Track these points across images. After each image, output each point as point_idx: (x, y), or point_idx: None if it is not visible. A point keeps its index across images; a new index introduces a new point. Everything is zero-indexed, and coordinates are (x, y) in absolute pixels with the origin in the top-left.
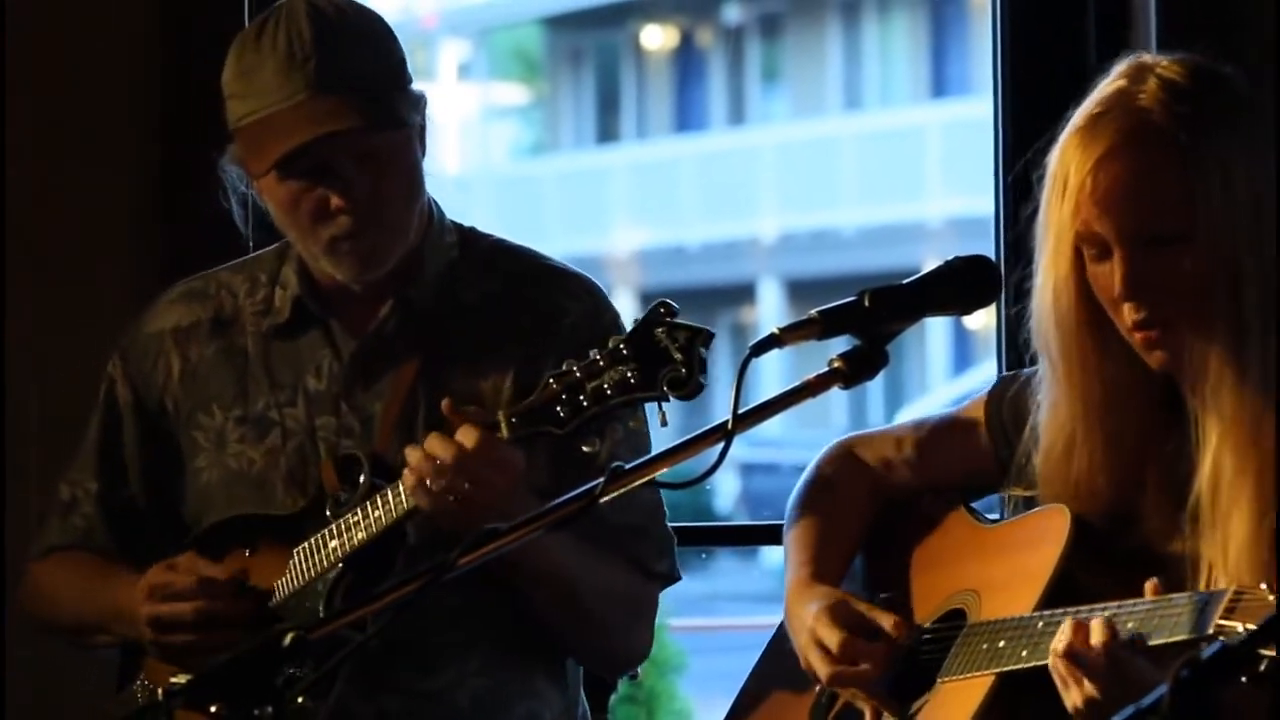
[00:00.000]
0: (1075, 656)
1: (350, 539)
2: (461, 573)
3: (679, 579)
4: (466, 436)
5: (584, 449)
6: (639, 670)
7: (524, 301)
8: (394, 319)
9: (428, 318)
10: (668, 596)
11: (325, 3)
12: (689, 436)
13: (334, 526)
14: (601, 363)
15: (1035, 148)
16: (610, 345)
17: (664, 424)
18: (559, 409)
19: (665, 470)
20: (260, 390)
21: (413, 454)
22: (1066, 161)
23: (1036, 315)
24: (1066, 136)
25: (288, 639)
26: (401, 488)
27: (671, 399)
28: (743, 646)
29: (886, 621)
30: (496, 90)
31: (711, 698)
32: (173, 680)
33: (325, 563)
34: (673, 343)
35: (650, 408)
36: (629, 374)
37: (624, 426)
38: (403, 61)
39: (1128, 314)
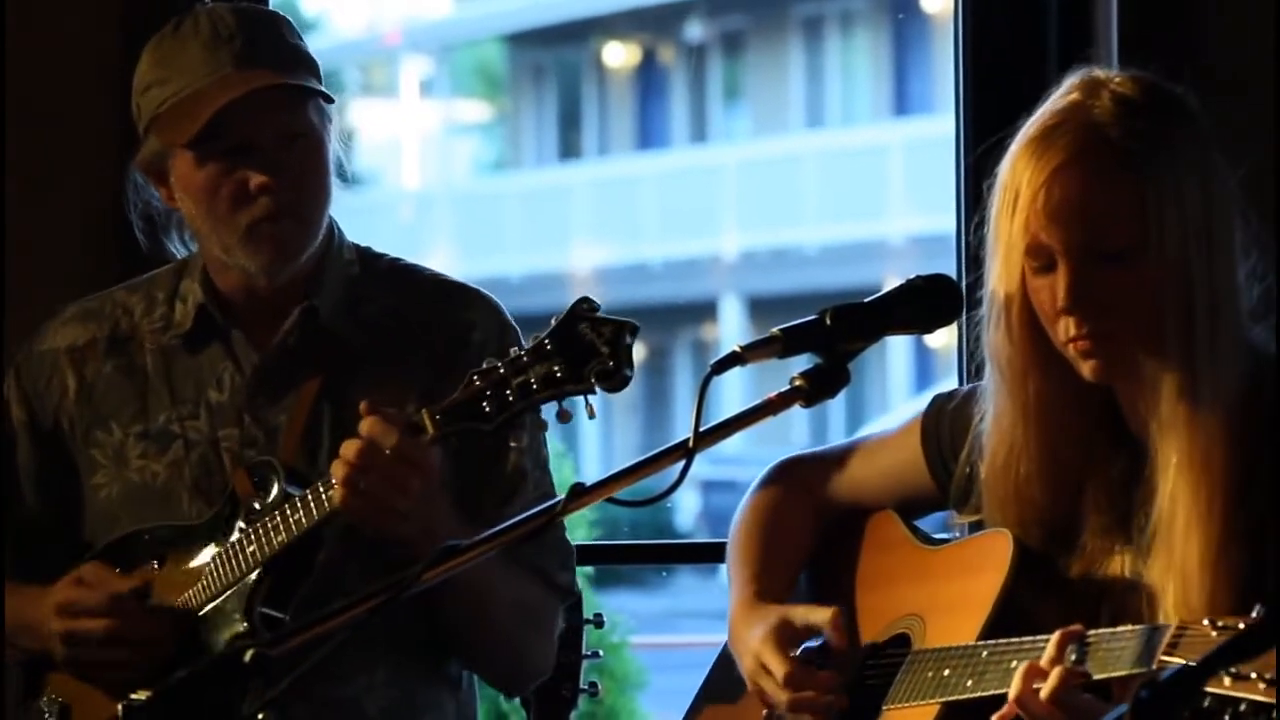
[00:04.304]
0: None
1: (269, 544)
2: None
3: (579, 595)
4: (385, 437)
5: (510, 444)
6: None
7: (427, 318)
8: (297, 331)
9: (331, 331)
10: (628, 614)
11: (239, 3)
12: (650, 454)
13: (251, 532)
14: (526, 359)
15: (981, 148)
16: (533, 342)
17: (591, 416)
18: (485, 405)
19: (625, 488)
20: (161, 405)
21: (336, 464)
22: (1018, 173)
23: (985, 323)
24: (1019, 148)
25: (248, 655)
26: (321, 491)
27: (599, 391)
28: (703, 664)
29: (823, 618)
30: (458, 107)
31: (672, 715)
32: (133, 696)
33: (243, 568)
34: (598, 336)
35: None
36: (555, 369)
37: (532, 426)
38: (316, 61)
39: (1067, 328)
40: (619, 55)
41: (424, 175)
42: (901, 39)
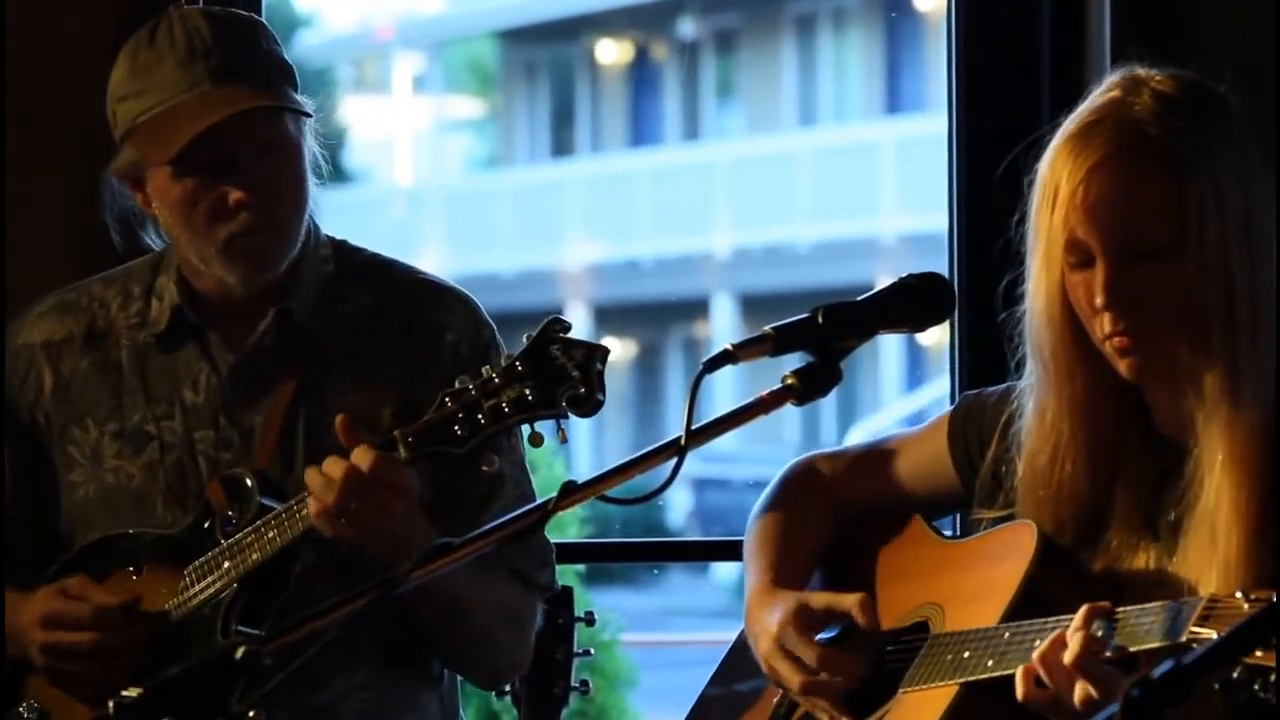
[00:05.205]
0: (1049, 667)
1: (244, 560)
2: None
3: (558, 590)
4: (364, 460)
5: (484, 468)
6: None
7: (403, 317)
8: (273, 332)
9: (306, 331)
10: (619, 612)
11: (215, 8)
12: (642, 452)
13: (226, 547)
14: (497, 380)
15: (1018, 148)
16: (505, 363)
17: (563, 441)
18: (457, 428)
19: (617, 485)
20: (136, 404)
21: (313, 479)
22: (1058, 169)
23: (1028, 319)
24: (1059, 144)
25: (239, 652)
26: (295, 508)
27: (571, 416)
28: (694, 662)
29: (851, 603)
30: (451, 103)
31: (662, 713)
32: (124, 694)
33: (220, 583)
34: (569, 360)
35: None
36: (526, 392)
37: (507, 440)
38: (293, 67)
39: (1105, 324)
40: (612, 52)
41: (416, 172)
42: (894, 37)
